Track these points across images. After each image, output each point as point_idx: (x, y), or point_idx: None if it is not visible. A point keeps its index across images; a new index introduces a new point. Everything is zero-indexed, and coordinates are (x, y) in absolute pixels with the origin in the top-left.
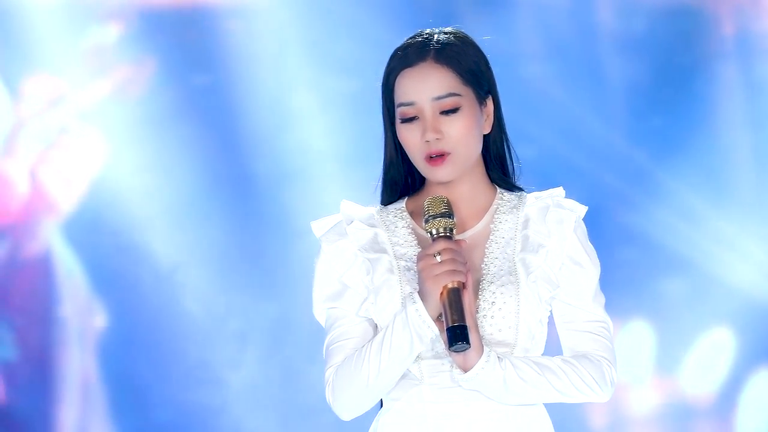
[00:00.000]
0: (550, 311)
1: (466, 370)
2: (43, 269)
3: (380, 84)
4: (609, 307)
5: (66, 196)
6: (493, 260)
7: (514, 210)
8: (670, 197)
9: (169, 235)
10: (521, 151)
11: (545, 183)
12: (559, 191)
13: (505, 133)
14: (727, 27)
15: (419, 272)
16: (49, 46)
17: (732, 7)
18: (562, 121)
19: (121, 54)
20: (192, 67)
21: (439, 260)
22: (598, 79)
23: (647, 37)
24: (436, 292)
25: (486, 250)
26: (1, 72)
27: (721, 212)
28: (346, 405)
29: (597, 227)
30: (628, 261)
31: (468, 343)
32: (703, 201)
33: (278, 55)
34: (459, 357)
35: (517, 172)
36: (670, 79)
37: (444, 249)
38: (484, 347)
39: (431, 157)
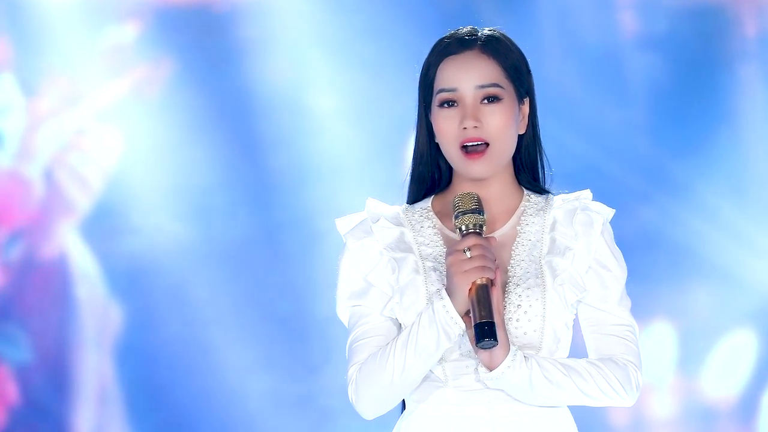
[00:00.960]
0: (576, 314)
1: (491, 369)
2: (59, 270)
3: (399, 85)
4: (631, 308)
5: (82, 197)
6: (520, 262)
7: (541, 212)
8: (692, 198)
9: (187, 235)
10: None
11: (566, 183)
12: (587, 194)
13: (538, 139)
14: (748, 27)
15: (448, 267)
16: (66, 46)
17: (754, 8)
18: (584, 122)
19: (139, 54)
20: (209, 66)
21: (469, 256)
22: (620, 80)
23: (669, 38)
24: (464, 287)
25: (513, 252)
26: (18, 72)
27: (744, 213)
28: (369, 403)
29: (618, 228)
30: (649, 262)
31: (496, 339)
32: (726, 202)
33: (297, 54)
34: (485, 355)
35: (548, 180)
36: (692, 80)
37: (474, 245)
38: (511, 346)
39: (468, 151)
